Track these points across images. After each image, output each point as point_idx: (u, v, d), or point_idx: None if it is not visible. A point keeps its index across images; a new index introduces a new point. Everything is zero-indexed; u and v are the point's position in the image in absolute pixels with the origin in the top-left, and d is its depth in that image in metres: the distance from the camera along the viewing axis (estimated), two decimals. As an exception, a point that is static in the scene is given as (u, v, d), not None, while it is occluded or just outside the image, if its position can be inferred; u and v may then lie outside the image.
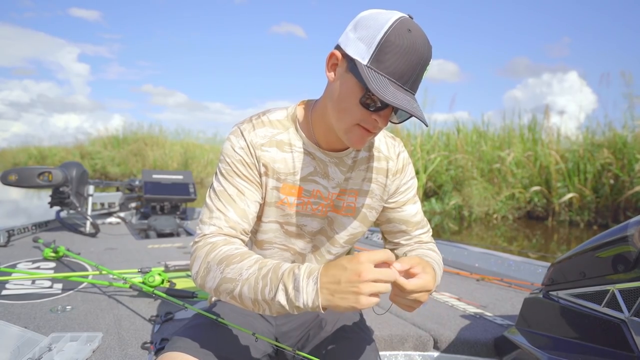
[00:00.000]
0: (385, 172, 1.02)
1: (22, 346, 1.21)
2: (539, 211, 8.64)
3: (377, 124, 0.84)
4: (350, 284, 0.70)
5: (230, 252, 0.84)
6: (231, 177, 0.92)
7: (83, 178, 3.29)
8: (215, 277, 0.83)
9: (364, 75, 0.79)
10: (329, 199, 0.98)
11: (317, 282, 0.72)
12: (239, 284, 0.79)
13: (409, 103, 0.79)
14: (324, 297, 0.72)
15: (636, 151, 7.63)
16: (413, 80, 0.81)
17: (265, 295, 0.76)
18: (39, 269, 2.10)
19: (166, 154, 16.86)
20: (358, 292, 0.70)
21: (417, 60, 0.79)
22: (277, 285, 0.75)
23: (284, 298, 0.74)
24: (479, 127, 10.47)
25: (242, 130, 0.94)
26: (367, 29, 0.81)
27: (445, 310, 1.71)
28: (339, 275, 0.71)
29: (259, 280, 0.77)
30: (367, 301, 0.70)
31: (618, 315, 1.01)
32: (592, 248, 1.13)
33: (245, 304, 0.80)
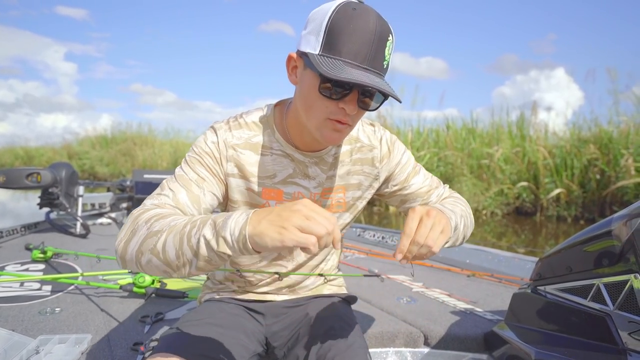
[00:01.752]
0: (371, 162, 1.01)
1: (9, 349, 1.19)
2: (527, 207, 8.73)
3: (346, 112, 0.81)
4: (282, 211, 0.65)
5: (165, 212, 0.77)
6: (194, 165, 0.90)
7: (73, 179, 3.26)
8: (140, 236, 0.74)
9: (315, 63, 0.76)
10: (312, 199, 0.97)
11: (250, 213, 0.67)
12: (164, 234, 0.71)
13: (367, 78, 0.75)
14: (252, 224, 0.65)
15: (621, 146, 7.75)
16: (372, 57, 0.77)
17: (191, 237, 0.68)
18: (28, 271, 2.07)
19: (156, 154, 16.71)
20: (286, 220, 0.64)
21: (369, 36, 0.76)
22: (205, 222, 0.69)
23: (210, 231, 0.67)
24: (468, 124, 10.55)
25: (217, 128, 0.93)
26: (314, 21, 0.80)
27: (436, 307, 1.72)
28: (275, 207, 0.68)
29: (187, 224, 0.70)
30: (292, 234, 0.63)
31: (603, 308, 1.03)
32: (577, 243, 1.15)
33: (168, 259, 0.70)
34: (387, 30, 0.79)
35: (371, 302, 1.76)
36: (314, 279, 1.14)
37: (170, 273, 0.73)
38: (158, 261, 0.72)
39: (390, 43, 0.80)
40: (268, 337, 1.05)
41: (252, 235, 0.65)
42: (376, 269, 2.32)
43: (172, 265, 0.71)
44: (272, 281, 1.09)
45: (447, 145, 9.94)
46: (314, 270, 1.12)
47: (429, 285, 2.05)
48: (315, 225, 0.64)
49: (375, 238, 3.14)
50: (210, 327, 0.95)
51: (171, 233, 0.70)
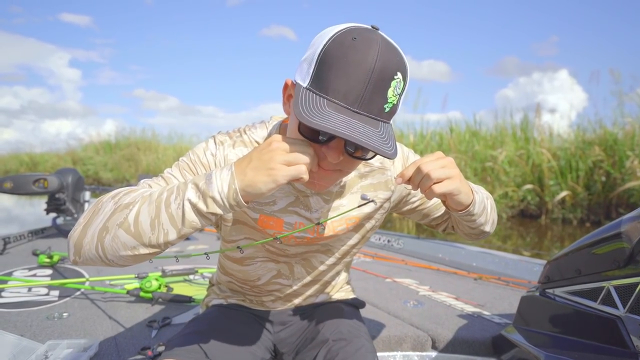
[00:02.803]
0: (385, 185, 0.93)
1: (18, 354, 1.20)
2: (532, 209, 8.69)
3: (327, 160, 0.70)
4: (261, 154, 0.65)
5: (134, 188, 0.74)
6: (184, 171, 0.82)
7: (79, 184, 3.27)
8: (105, 213, 0.69)
9: (297, 99, 0.66)
10: (315, 230, 0.91)
11: (232, 167, 0.66)
12: (136, 205, 0.67)
13: (354, 129, 0.63)
14: (239, 178, 0.64)
15: (627, 148, 7.70)
16: (367, 99, 0.65)
17: (170, 204, 0.65)
18: (36, 277, 2.08)
19: (159, 159, 16.76)
20: (270, 161, 0.64)
21: (364, 73, 0.64)
22: (185, 187, 0.67)
23: (195, 194, 0.65)
24: (471, 127, 10.53)
25: (221, 141, 0.85)
26: (312, 47, 0.70)
27: (443, 310, 1.72)
28: (250, 154, 0.67)
29: (164, 192, 0.68)
30: (282, 171, 0.64)
31: (613, 311, 1.02)
32: (586, 245, 1.15)
33: (140, 231, 0.66)
34: (393, 67, 0.66)
35: (378, 305, 1.75)
36: (324, 296, 1.11)
37: (137, 249, 0.68)
38: (127, 235, 0.66)
39: (397, 82, 0.67)
40: (276, 344, 1.05)
41: (243, 187, 0.65)
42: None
43: (144, 238, 0.66)
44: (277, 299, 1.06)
45: (451, 148, 9.91)
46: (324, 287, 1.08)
47: (436, 289, 2.04)
48: (299, 156, 0.65)
49: (381, 241, 3.13)
50: (218, 333, 0.94)
51: (145, 202, 0.67)
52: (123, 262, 0.71)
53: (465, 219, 0.88)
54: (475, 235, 0.99)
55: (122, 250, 0.68)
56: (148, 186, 0.79)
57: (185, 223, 0.66)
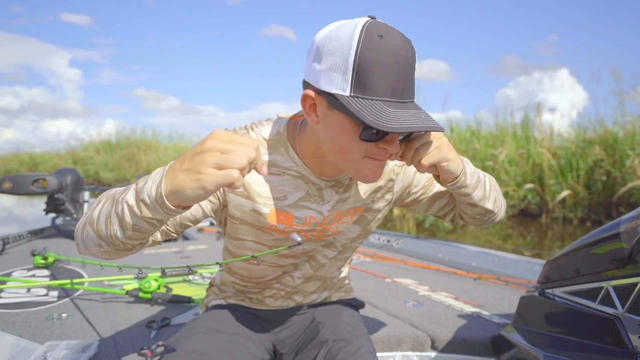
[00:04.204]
0: (389, 174, 0.95)
1: (17, 355, 1.20)
2: (533, 209, 8.69)
3: (387, 151, 0.74)
4: (194, 155, 0.58)
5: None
6: None
7: (78, 184, 3.27)
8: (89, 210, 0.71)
9: (353, 110, 0.67)
10: (324, 223, 0.91)
11: (166, 168, 0.61)
12: (101, 202, 0.68)
13: (415, 118, 0.68)
14: (168, 180, 0.59)
15: (627, 147, 7.70)
16: (406, 88, 0.70)
17: (117, 203, 0.63)
18: (35, 277, 2.08)
19: (160, 158, 16.77)
20: (200, 164, 0.57)
21: (403, 65, 0.69)
22: (131, 186, 0.64)
23: (132, 196, 0.62)
24: (472, 126, 10.52)
25: None
26: (334, 55, 0.70)
27: (443, 310, 1.71)
28: (186, 154, 0.60)
29: (120, 191, 0.66)
30: (211, 177, 0.56)
31: (612, 311, 1.02)
32: (586, 245, 1.14)
33: (98, 228, 0.66)
34: (414, 51, 0.71)
35: (377, 306, 1.75)
36: (325, 293, 1.11)
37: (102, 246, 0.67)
38: (92, 232, 0.67)
39: (417, 64, 0.73)
40: (276, 345, 1.05)
41: (170, 191, 0.59)
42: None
43: (103, 236, 0.66)
44: (280, 297, 1.06)
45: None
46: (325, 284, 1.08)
47: (435, 289, 2.04)
48: (234, 158, 0.57)
49: (381, 241, 3.13)
50: (218, 334, 0.94)
51: (108, 200, 0.66)
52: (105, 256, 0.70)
53: (460, 192, 0.88)
54: (482, 217, 0.98)
55: (92, 246, 0.69)
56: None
57: (126, 226, 0.63)
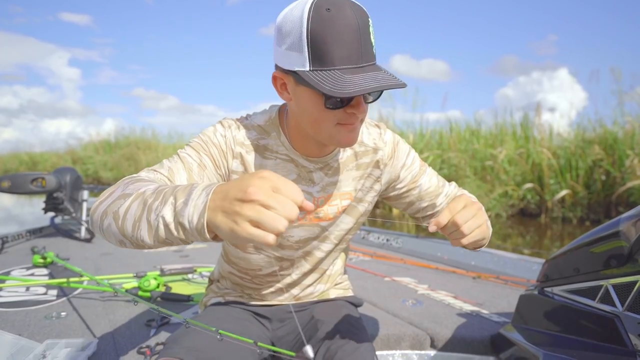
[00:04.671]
0: (377, 164, 0.99)
1: (16, 354, 1.19)
2: (532, 208, 8.69)
3: (356, 115, 0.79)
4: (235, 200, 0.55)
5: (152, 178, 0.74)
6: (198, 152, 0.85)
7: (77, 183, 3.27)
8: (113, 197, 0.68)
9: (313, 83, 0.72)
10: (316, 204, 0.95)
11: (210, 194, 0.57)
12: (130, 198, 0.65)
13: (372, 80, 0.71)
14: (210, 213, 0.56)
15: (626, 147, 7.71)
16: (363, 52, 0.73)
17: (151, 212, 0.61)
18: (33, 276, 2.08)
19: (159, 158, 16.73)
20: (238, 213, 0.54)
21: (354, 33, 0.72)
22: (167, 199, 0.60)
23: (170, 212, 0.59)
24: (471, 126, 10.53)
25: (229, 124, 0.91)
26: (290, 35, 0.74)
27: (442, 309, 1.72)
28: (228, 188, 0.57)
29: (154, 194, 0.63)
30: (244, 230, 0.53)
31: (612, 310, 1.02)
32: (585, 244, 1.14)
33: (124, 227, 0.64)
34: (366, 16, 0.74)
35: (377, 304, 1.75)
36: (321, 286, 1.12)
37: (124, 243, 0.66)
38: (115, 228, 0.65)
39: (371, 27, 0.75)
40: (274, 342, 1.05)
41: (210, 225, 0.57)
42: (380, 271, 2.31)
43: (128, 236, 0.64)
44: (277, 290, 1.07)
45: (451, 147, 9.91)
46: (321, 277, 1.10)
47: (435, 288, 2.04)
48: (272, 220, 0.53)
49: (380, 240, 3.13)
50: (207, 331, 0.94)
51: (136, 199, 0.63)
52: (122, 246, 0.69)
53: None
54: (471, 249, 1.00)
55: (113, 240, 0.68)
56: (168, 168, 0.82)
57: (158, 238, 0.61)
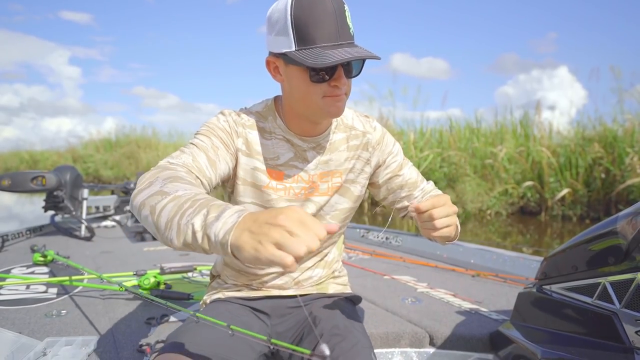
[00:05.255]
0: (366, 146, 1.08)
1: (16, 351, 1.20)
2: (532, 206, 8.70)
3: (338, 86, 0.90)
4: (264, 224, 0.60)
5: (185, 176, 0.80)
6: (208, 137, 0.95)
7: (77, 182, 3.27)
8: (152, 190, 0.75)
9: (299, 59, 0.85)
10: (310, 180, 1.03)
11: (241, 217, 0.63)
12: (167, 198, 0.71)
13: (348, 52, 0.84)
14: (236, 233, 0.61)
15: (626, 145, 7.71)
16: (340, 32, 0.86)
17: (183, 216, 0.67)
18: (34, 274, 2.09)
19: (159, 156, 16.74)
20: (264, 235, 0.59)
21: (331, 14, 0.85)
22: (201, 210, 0.67)
23: (200, 222, 0.65)
24: (471, 124, 10.52)
25: (229, 112, 1.01)
26: (278, 23, 0.88)
27: (441, 307, 1.72)
28: (259, 214, 0.62)
29: (189, 200, 0.69)
30: (267, 251, 0.58)
31: (609, 307, 1.03)
32: (583, 242, 1.15)
33: (158, 222, 0.70)
34: (341, 3, 0.87)
35: (376, 302, 1.75)
36: (319, 271, 1.15)
37: (157, 237, 0.73)
38: (151, 221, 0.72)
39: (347, 12, 0.88)
40: (273, 337, 1.05)
41: (235, 244, 0.61)
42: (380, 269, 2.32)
43: (160, 232, 0.70)
44: (278, 274, 1.10)
45: (451, 145, 9.91)
46: (320, 261, 1.14)
47: (434, 286, 2.04)
48: (295, 243, 0.58)
49: (379, 238, 3.13)
50: (217, 327, 0.95)
51: (173, 201, 0.71)
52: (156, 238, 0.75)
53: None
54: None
55: (149, 229, 0.75)
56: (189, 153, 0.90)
57: (183, 241, 0.68)
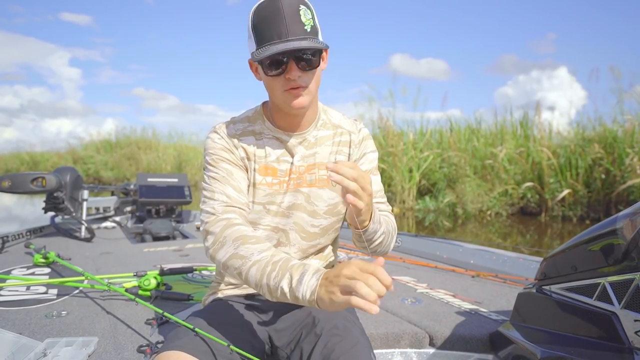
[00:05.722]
0: (348, 144, 1.13)
1: (16, 352, 1.20)
2: (532, 207, 8.70)
3: (292, 78, 0.96)
4: (334, 278, 0.76)
5: (247, 233, 0.94)
6: (217, 164, 1.04)
7: (77, 183, 3.27)
8: (227, 251, 0.92)
9: (255, 57, 0.94)
10: (297, 172, 1.08)
11: (320, 279, 0.78)
12: (249, 263, 0.88)
13: (289, 45, 0.91)
14: (321, 291, 0.77)
15: (626, 145, 7.70)
16: (290, 30, 0.92)
17: (270, 279, 0.84)
18: (34, 275, 2.09)
19: (159, 157, 16.76)
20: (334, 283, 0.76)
21: (280, 15, 0.91)
22: (284, 274, 0.83)
23: (287, 286, 0.82)
24: (471, 125, 10.52)
25: (218, 128, 1.09)
26: (248, 29, 0.98)
27: (441, 307, 1.72)
28: (341, 269, 0.76)
29: (269, 264, 0.85)
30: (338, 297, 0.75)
31: (609, 307, 1.03)
32: (582, 242, 1.15)
33: (249, 283, 0.88)
34: (294, 3, 0.93)
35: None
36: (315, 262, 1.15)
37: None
38: (240, 279, 0.91)
39: (304, 10, 0.93)
40: (271, 336, 1.06)
41: (321, 300, 0.78)
42: None
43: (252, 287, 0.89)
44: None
45: (451, 146, 9.92)
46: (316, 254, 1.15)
47: (434, 286, 2.04)
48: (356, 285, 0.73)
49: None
50: (217, 325, 0.96)
51: (254, 266, 0.87)
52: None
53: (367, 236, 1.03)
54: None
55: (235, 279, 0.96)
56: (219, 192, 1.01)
57: (276, 298, 0.85)
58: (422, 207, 9.27)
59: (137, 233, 3.63)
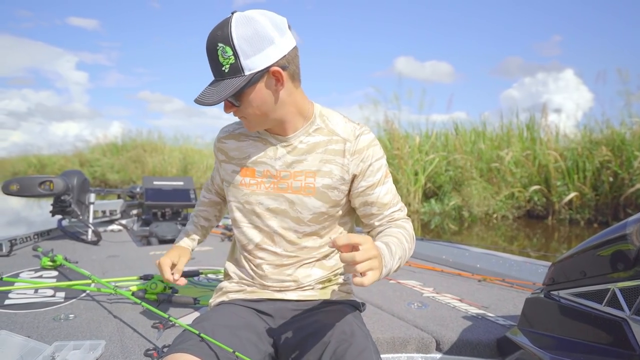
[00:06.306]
0: (342, 153, 1.07)
1: (25, 355, 1.21)
2: (539, 210, 8.64)
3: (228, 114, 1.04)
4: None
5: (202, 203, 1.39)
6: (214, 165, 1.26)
7: (84, 186, 3.29)
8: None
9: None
10: (278, 176, 1.09)
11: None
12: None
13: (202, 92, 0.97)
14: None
15: (635, 148, 7.64)
16: (214, 70, 0.98)
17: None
18: (42, 278, 2.10)
19: (165, 160, 16.85)
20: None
21: (207, 53, 0.96)
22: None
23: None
24: (477, 127, 10.49)
25: (220, 131, 1.19)
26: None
27: (448, 312, 1.71)
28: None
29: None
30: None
31: (619, 313, 1.02)
32: (591, 247, 1.14)
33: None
34: (213, 41, 0.94)
35: (382, 307, 1.75)
36: (318, 271, 1.14)
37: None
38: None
39: (220, 50, 0.94)
40: (276, 340, 1.06)
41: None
42: None
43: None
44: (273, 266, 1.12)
45: (456, 148, 9.88)
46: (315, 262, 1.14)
47: (440, 291, 2.03)
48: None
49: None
50: (223, 327, 0.96)
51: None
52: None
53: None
54: None
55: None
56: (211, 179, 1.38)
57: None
58: (428, 210, 9.24)
59: (143, 236, 3.64)
